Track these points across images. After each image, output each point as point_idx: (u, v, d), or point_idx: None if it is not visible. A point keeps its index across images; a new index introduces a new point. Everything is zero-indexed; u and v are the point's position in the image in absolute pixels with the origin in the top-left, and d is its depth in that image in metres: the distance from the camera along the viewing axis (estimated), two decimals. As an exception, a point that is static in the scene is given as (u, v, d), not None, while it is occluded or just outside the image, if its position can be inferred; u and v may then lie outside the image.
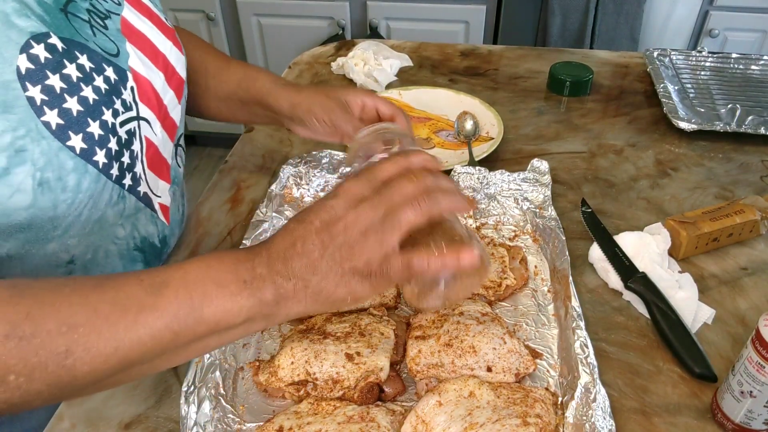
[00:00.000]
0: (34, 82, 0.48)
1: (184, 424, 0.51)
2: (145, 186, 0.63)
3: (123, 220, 0.61)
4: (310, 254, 0.44)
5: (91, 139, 0.52)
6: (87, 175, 0.52)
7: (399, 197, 0.45)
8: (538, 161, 0.81)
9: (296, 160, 0.83)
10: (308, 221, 0.45)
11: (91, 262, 0.60)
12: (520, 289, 0.67)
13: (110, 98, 0.54)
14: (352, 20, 2.06)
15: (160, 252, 0.71)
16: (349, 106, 0.74)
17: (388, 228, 0.44)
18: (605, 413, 0.50)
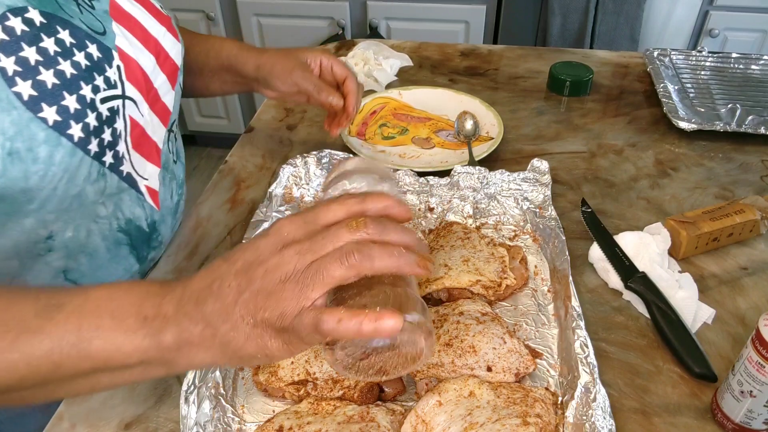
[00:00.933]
0: (8, 53, 0.48)
1: (184, 424, 0.51)
2: (129, 166, 0.62)
3: (104, 199, 0.60)
4: (224, 297, 0.39)
5: (66, 112, 0.52)
6: (60, 147, 0.51)
7: (331, 247, 0.39)
8: (538, 161, 0.81)
9: (296, 160, 0.83)
10: (232, 260, 0.41)
11: (72, 241, 0.60)
12: (520, 289, 0.67)
13: (90, 74, 0.54)
14: (352, 20, 2.06)
15: (148, 237, 0.69)
16: (307, 65, 0.79)
17: (309, 280, 0.38)
18: (605, 413, 0.50)
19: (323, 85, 0.77)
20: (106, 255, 0.65)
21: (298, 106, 1.06)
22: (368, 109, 1.01)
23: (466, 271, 0.65)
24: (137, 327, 0.40)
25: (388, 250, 0.40)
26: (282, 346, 0.40)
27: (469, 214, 0.77)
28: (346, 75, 0.79)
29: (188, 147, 2.63)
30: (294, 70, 0.77)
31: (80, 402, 0.57)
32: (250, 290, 0.39)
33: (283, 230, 0.41)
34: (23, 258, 0.57)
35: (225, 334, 0.39)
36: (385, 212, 0.43)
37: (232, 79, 0.83)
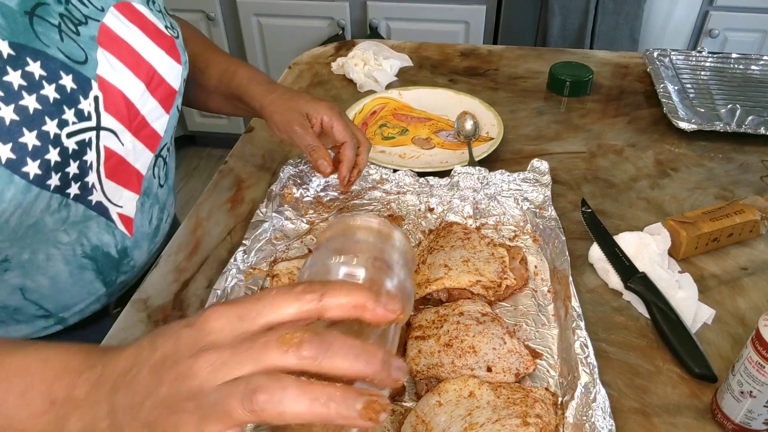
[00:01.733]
0: None
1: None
2: (100, 195, 0.61)
3: (67, 227, 0.59)
4: (135, 394, 0.33)
5: (23, 149, 0.49)
6: (12, 185, 0.50)
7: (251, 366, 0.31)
8: (538, 161, 0.81)
9: (296, 160, 0.83)
10: (155, 345, 0.34)
11: (29, 263, 0.59)
12: (520, 289, 0.67)
13: (59, 108, 0.52)
14: (352, 20, 2.06)
15: (117, 263, 0.68)
16: (308, 119, 0.74)
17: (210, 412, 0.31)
18: (605, 413, 0.50)
19: (317, 147, 0.72)
20: (69, 279, 0.64)
21: (298, 106, 1.06)
22: (368, 109, 1.01)
23: (466, 271, 0.65)
24: (43, 411, 0.36)
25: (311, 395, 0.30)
26: None
27: (469, 215, 0.77)
28: (344, 140, 0.74)
29: (188, 147, 2.64)
30: (291, 124, 0.73)
31: (80, 402, 0.57)
32: (156, 396, 0.32)
33: (209, 324, 0.33)
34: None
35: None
36: (353, 314, 0.34)
37: (243, 107, 0.81)
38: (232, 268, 0.67)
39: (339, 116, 0.75)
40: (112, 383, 0.35)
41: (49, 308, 0.65)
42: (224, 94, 0.82)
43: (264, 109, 0.76)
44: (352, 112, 0.99)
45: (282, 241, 0.75)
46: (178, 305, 0.68)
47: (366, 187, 0.82)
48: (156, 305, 0.68)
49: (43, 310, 0.65)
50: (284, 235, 0.76)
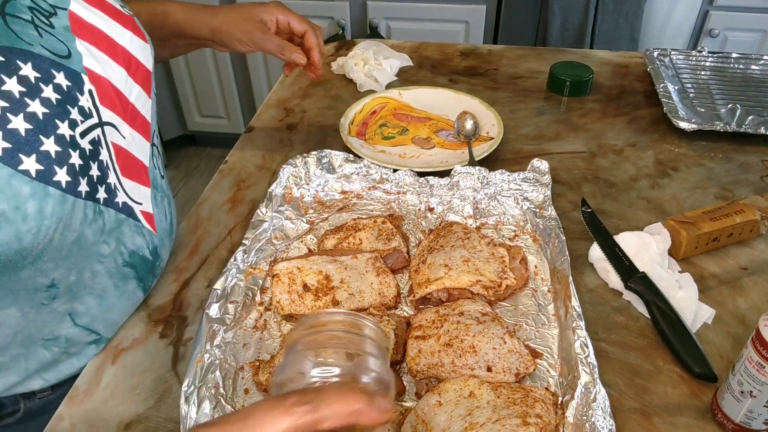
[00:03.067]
0: None
1: (184, 424, 0.51)
2: (123, 195, 0.59)
3: (105, 237, 0.57)
4: None
5: (47, 158, 0.47)
6: (49, 198, 0.47)
7: None
8: (538, 161, 0.81)
9: (296, 160, 0.83)
10: None
11: (76, 285, 0.57)
12: (520, 289, 0.67)
13: (64, 108, 0.49)
14: (352, 20, 2.06)
15: (152, 265, 0.67)
16: (265, 24, 0.79)
17: None
18: (605, 413, 0.50)
19: (285, 44, 0.78)
20: (115, 293, 0.62)
21: (298, 107, 1.06)
22: (368, 109, 1.01)
23: (466, 271, 0.65)
24: None
25: None
26: None
27: (470, 214, 0.77)
28: (304, 30, 0.80)
29: (188, 147, 2.64)
30: (253, 33, 0.77)
31: (80, 402, 0.57)
32: None
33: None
34: (23, 307, 0.54)
35: None
36: (351, 422, 0.33)
37: (183, 42, 0.82)
38: (232, 267, 0.67)
39: (290, 11, 0.81)
40: None
41: (99, 330, 0.62)
42: (160, 37, 0.78)
43: (217, 32, 0.78)
44: (352, 112, 0.99)
45: (282, 241, 0.75)
46: (178, 305, 0.68)
47: (366, 187, 0.82)
48: (156, 305, 0.68)
49: (94, 334, 0.62)
50: (284, 235, 0.76)
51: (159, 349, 0.63)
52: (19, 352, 0.57)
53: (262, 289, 0.68)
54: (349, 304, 0.64)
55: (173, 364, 0.61)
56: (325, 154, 0.84)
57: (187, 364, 0.57)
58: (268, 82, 2.28)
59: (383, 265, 0.68)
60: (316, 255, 0.69)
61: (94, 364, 0.61)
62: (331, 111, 1.04)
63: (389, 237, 0.72)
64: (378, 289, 0.65)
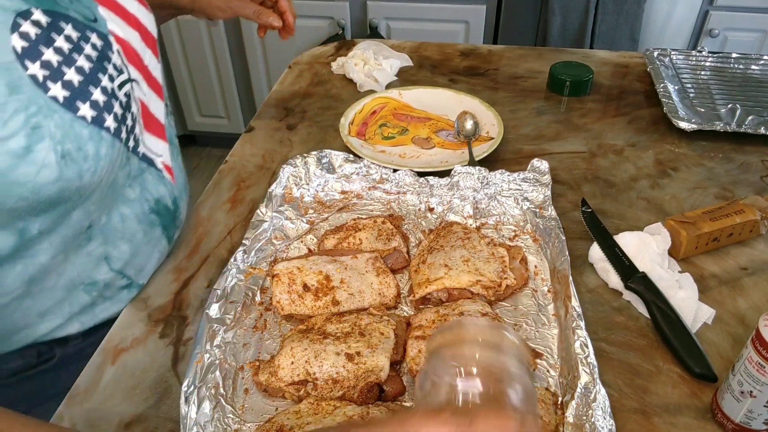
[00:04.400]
0: (32, 59, 0.48)
1: (184, 424, 0.51)
2: (143, 146, 0.65)
3: (131, 181, 0.63)
4: None
5: (97, 106, 0.53)
6: (102, 141, 0.54)
7: None
8: (538, 161, 0.81)
9: (296, 160, 0.83)
10: None
11: (108, 227, 0.62)
12: (520, 289, 0.67)
13: (102, 64, 0.55)
14: (352, 20, 2.06)
15: (173, 215, 0.72)
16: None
17: None
18: (605, 413, 0.50)
19: (261, 9, 0.88)
20: (143, 239, 0.67)
21: (299, 107, 1.06)
22: (368, 109, 1.01)
23: (466, 271, 0.65)
24: None
25: None
26: None
27: (470, 214, 0.77)
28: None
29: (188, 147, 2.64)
30: (231, 1, 0.86)
31: (80, 402, 0.57)
32: None
33: None
34: (68, 252, 0.59)
35: None
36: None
37: (165, 13, 0.87)
38: (232, 267, 0.67)
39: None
40: None
41: (131, 275, 0.68)
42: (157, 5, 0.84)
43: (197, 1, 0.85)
44: (352, 112, 0.99)
45: (282, 241, 0.75)
46: (178, 305, 0.68)
47: (366, 187, 0.82)
48: (156, 305, 0.68)
49: (126, 278, 0.67)
50: (284, 235, 0.76)
51: (159, 349, 0.63)
52: (63, 296, 0.62)
53: (262, 289, 0.68)
54: (349, 304, 0.64)
55: (173, 364, 0.61)
56: (325, 154, 0.84)
57: (187, 364, 0.57)
58: (268, 82, 2.28)
59: (383, 265, 0.68)
60: (316, 255, 0.69)
61: (94, 364, 0.61)
62: (331, 111, 1.04)
63: (389, 237, 0.72)
64: (378, 289, 0.65)
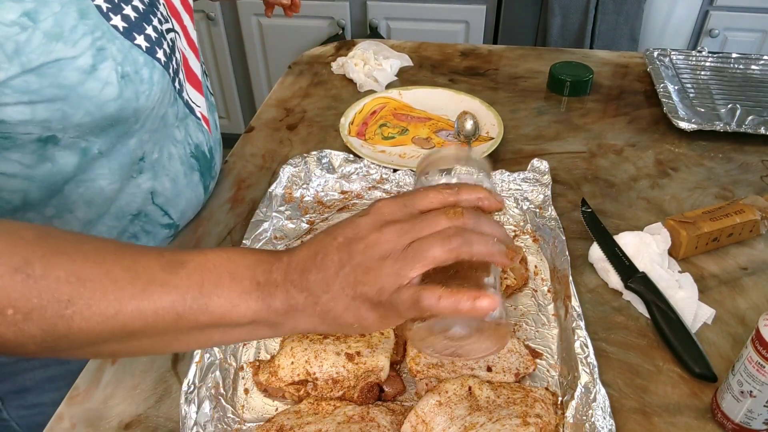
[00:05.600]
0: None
1: (184, 424, 0.51)
2: (186, 94, 0.71)
3: (178, 122, 0.69)
4: (326, 269, 0.42)
5: (150, 39, 0.59)
6: (155, 69, 0.59)
7: (429, 230, 0.41)
8: (538, 161, 0.81)
9: (296, 160, 0.83)
10: (333, 235, 0.43)
11: (157, 163, 0.67)
12: (520, 289, 0.67)
13: (152, 9, 0.61)
14: (352, 20, 2.06)
15: (210, 164, 0.77)
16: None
17: (409, 258, 0.40)
18: (605, 413, 0.50)
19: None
20: (184, 180, 0.72)
21: (298, 107, 1.06)
22: (368, 109, 1.01)
23: (466, 271, 0.65)
24: (251, 289, 0.43)
25: (484, 238, 0.42)
26: (378, 318, 0.42)
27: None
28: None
29: (188, 147, 2.64)
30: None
31: (80, 402, 0.57)
32: (351, 264, 0.41)
33: (382, 210, 0.43)
34: (123, 180, 0.64)
35: (326, 304, 0.42)
36: (477, 204, 0.45)
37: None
38: (232, 267, 0.67)
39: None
40: (302, 268, 0.43)
41: (170, 213, 0.72)
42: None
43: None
44: (352, 112, 0.99)
45: (282, 241, 0.75)
46: (178, 305, 0.68)
47: (366, 187, 0.82)
48: (156, 305, 0.68)
49: (167, 216, 0.72)
50: (284, 235, 0.76)
51: (159, 349, 0.63)
52: (113, 224, 0.67)
53: (262, 289, 0.68)
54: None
55: (173, 364, 0.61)
56: (325, 154, 0.84)
57: (187, 364, 0.57)
58: (268, 82, 2.28)
59: (383, 265, 0.68)
60: (316, 255, 0.69)
61: (94, 364, 0.61)
62: (331, 111, 1.04)
63: (389, 237, 0.72)
64: (378, 289, 0.65)
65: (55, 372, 0.72)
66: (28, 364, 0.72)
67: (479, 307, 0.39)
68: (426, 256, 0.40)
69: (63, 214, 0.62)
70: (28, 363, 0.73)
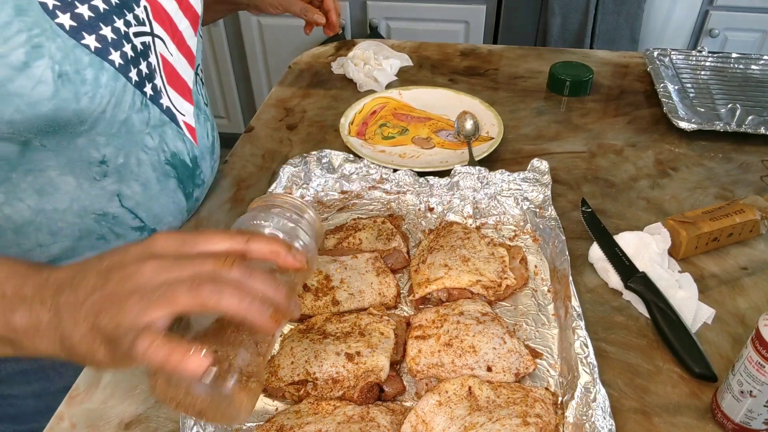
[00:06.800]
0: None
1: (184, 424, 0.51)
2: (167, 100, 0.68)
3: (150, 130, 0.66)
4: (78, 292, 0.40)
5: (104, 40, 0.57)
6: (104, 71, 0.57)
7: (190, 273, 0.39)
8: (538, 161, 0.81)
9: (296, 160, 0.83)
10: (101, 258, 0.42)
11: (124, 167, 0.65)
12: (520, 289, 0.67)
13: (121, 10, 0.59)
14: (352, 20, 2.06)
15: (192, 173, 0.74)
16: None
17: (155, 298, 0.38)
18: (605, 413, 0.50)
19: (308, 7, 0.97)
20: (157, 186, 0.70)
21: (298, 107, 1.06)
22: (368, 109, 1.01)
23: (466, 271, 0.65)
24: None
25: (240, 294, 0.39)
26: (108, 355, 0.40)
27: (469, 214, 0.77)
28: None
29: (188, 147, 2.63)
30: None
31: (80, 402, 0.57)
32: (102, 292, 0.40)
33: (156, 243, 0.42)
34: (79, 178, 0.63)
35: (65, 329, 0.40)
36: (270, 257, 0.43)
37: (224, 8, 0.99)
38: (232, 267, 0.67)
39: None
40: (57, 285, 0.42)
41: (142, 217, 0.70)
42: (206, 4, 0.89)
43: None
44: (352, 112, 0.99)
45: (282, 240, 0.75)
46: (178, 305, 0.68)
47: (366, 187, 0.82)
48: (156, 305, 0.68)
49: (138, 219, 0.70)
50: (284, 235, 0.76)
51: (159, 349, 0.62)
52: (74, 221, 0.65)
53: (262, 289, 0.68)
54: (349, 304, 0.64)
55: (173, 364, 0.61)
56: (325, 154, 0.84)
57: (187, 364, 0.57)
58: (268, 82, 2.28)
59: (383, 265, 0.68)
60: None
61: (94, 364, 0.61)
62: (331, 111, 1.04)
63: (389, 237, 0.72)
64: (378, 289, 0.65)
65: (26, 366, 0.72)
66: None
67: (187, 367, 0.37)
68: (170, 298, 0.38)
69: (12, 201, 0.60)
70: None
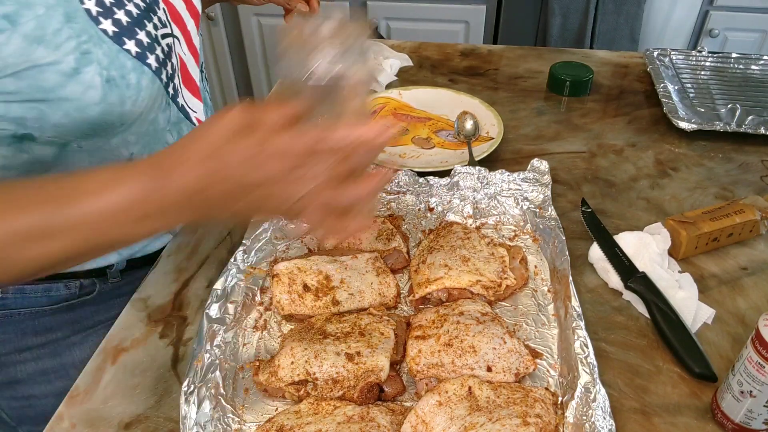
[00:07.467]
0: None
1: (184, 424, 0.51)
2: (182, 99, 0.71)
3: (170, 127, 0.69)
4: None
5: (142, 45, 0.60)
6: (144, 75, 0.60)
7: None
8: (538, 161, 0.81)
9: (296, 160, 0.83)
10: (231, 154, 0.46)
11: None
12: (520, 289, 0.67)
13: (148, 14, 0.62)
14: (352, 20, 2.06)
15: None
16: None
17: None
18: (605, 413, 0.50)
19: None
20: None
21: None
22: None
23: (466, 271, 0.65)
24: None
25: None
26: None
27: (469, 214, 0.77)
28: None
29: (188, 147, 2.64)
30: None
31: (80, 402, 0.57)
32: None
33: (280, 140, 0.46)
34: None
35: None
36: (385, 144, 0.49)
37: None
38: (232, 267, 0.67)
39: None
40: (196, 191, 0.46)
41: None
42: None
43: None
44: (352, 112, 0.99)
45: (282, 241, 0.75)
46: (178, 305, 0.68)
47: (366, 187, 0.82)
48: (156, 305, 0.68)
49: None
50: (284, 235, 0.76)
51: (159, 349, 0.63)
52: None
53: (262, 289, 0.68)
54: (349, 304, 0.64)
55: (173, 364, 0.61)
56: (325, 154, 0.84)
57: (187, 364, 0.57)
58: (268, 82, 2.28)
59: (383, 265, 0.68)
60: (316, 255, 0.69)
61: (94, 364, 0.61)
62: (331, 111, 1.04)
63: (389, 237, 0.72)
64: (378, 289, 0.65)
65: (47, 365, 0.72)
66: (20, 356, 0.73)
67: None
68: None
69: None
70: (20, 356, 0.73)
